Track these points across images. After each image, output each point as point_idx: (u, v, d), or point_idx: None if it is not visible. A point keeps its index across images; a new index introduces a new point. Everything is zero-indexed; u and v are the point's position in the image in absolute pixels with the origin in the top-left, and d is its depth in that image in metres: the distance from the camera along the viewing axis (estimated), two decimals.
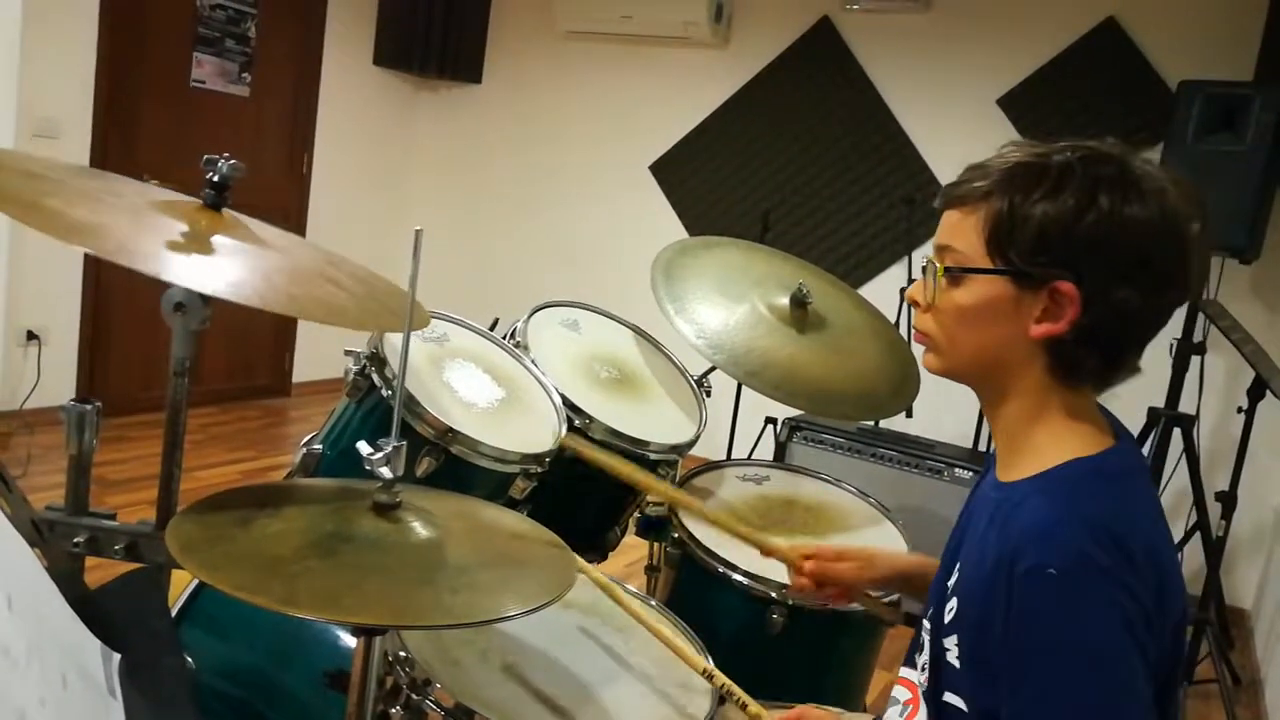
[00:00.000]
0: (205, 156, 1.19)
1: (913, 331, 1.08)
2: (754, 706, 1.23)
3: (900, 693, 1.12)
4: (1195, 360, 3.19)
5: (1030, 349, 0.97)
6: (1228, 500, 3.04)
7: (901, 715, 1.10)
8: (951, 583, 1.00)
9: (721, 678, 1.26)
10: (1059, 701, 0.85)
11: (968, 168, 1.02)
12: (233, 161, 1.20)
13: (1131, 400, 1.12)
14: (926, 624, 1.06)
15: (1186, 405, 3.23)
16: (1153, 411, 3.21)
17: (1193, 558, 3.52)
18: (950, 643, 0.97)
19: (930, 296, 1.03)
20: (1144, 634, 0.87)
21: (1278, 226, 3.64)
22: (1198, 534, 3.23)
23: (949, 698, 0.98)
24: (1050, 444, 0.97)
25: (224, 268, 1.10)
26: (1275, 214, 3.58)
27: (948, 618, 0.98)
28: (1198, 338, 3.20)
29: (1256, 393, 2.93)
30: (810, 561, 1.44)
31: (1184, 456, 3.17)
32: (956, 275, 1.00)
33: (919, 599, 1.38)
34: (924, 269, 1.04)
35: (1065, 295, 0.93)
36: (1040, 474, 0.96)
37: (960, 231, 1.00)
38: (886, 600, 1.64)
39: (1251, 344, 2.90)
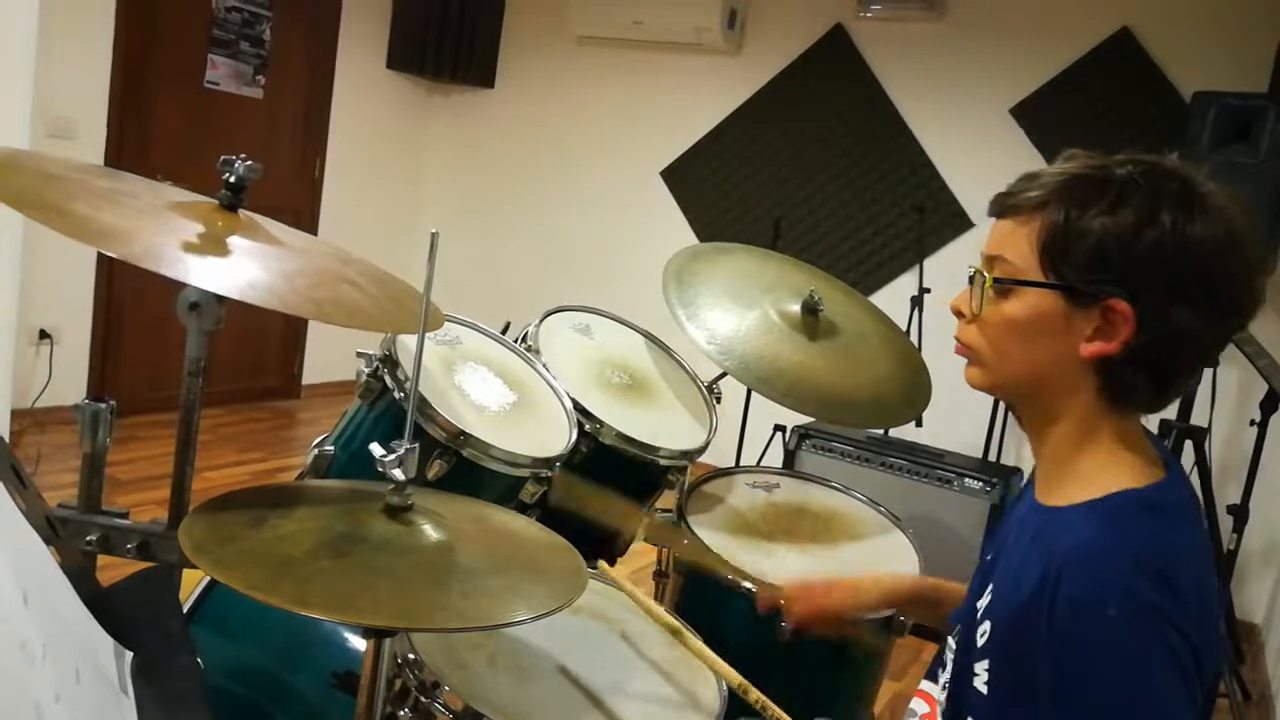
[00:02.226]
0: (222, 157, 1.20)
1: (954, 344, 1.04)
2: None
3: (918, 705, 1.11)
4: (1208, 373, 3.18)
5: (1079, 369, 0.94)
6: (1239, 514, 3.02)
7: None
8: (983, 605, 0.96)
9: (756, 693, 1.24)
10: None
11: (1022, 176, 0.98)
12: (249, 163, 1.20)
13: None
14: (952, 643, 1.03)
15: (1199, 418, 3.22)
16: (1164, 424, 3.19)
17: None
18: (980, 668, 0.93)
19: (976, 307, 0.99)
20: (1194, 675, 0.84)
21: None
22: None
23: None
24: (1098, 471, 0.94)
25: (244, 270, 1.10)
26: None
27: (980, 641, 0.94)
28: None
29: (1270, 406, 2.91)
30: (797, 603, 1.45)
31: (1195, 469, 3.16)
32: (1006, 287, 0.96)
33: (923, 619, 1.38)
34: (971, 279, 1.00)
35: (1119, 314, 0.90)
36: (1087, 502, 0.92)
37: (1012, 242, 0.96)
38: (886, 617, 1.63)
39: (1265, 357, 2.89)
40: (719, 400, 2.07)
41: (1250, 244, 0.91)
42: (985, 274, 0.98)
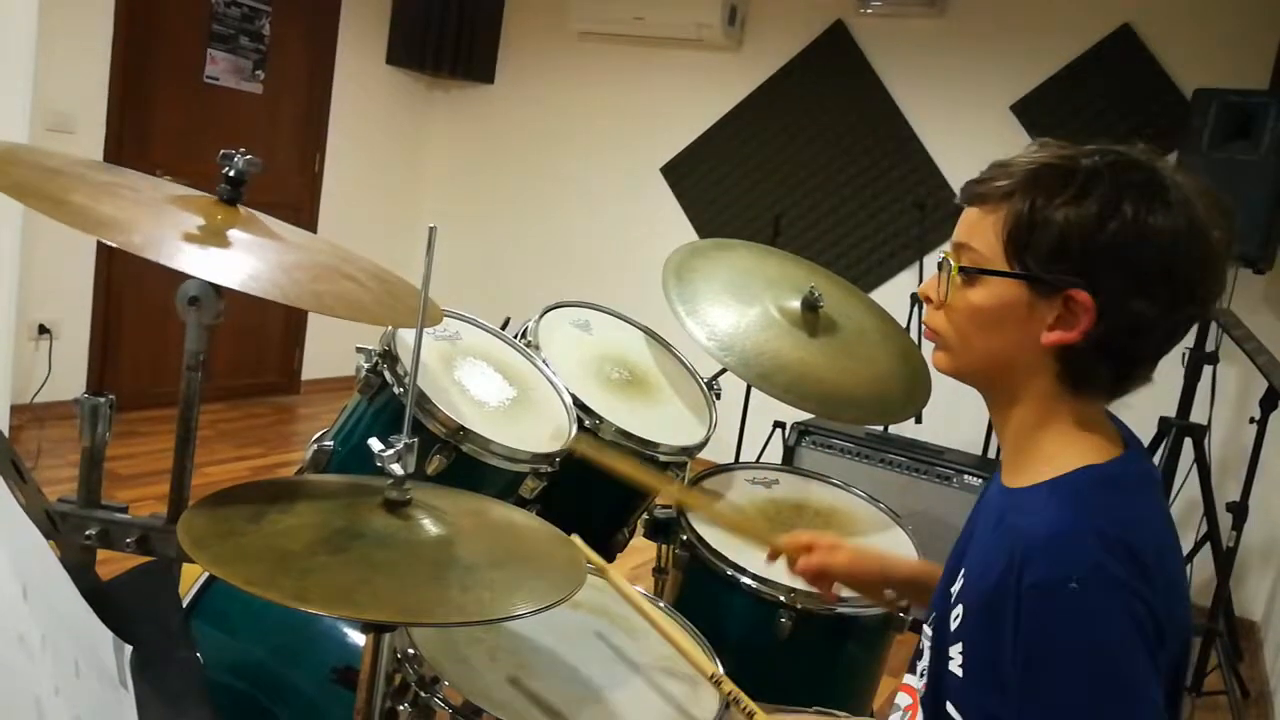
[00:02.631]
0: (222, 151, 1.20)
1: (923, 328, 1.07)
2: (761, 716, 1.22)
3: (902, 699, 1.11)
4: (1207, 370, 3.18)
5: (1041, 355, 0.95)
6: (1239, 511, 3.02)
7: None
8: (956, 589, 0.98)
9: (729, 684, 1.25)
10: (1072, 717, 0.83)
11: (992, 164, 0.99)
12: (249, 157, 1.20)
13: (1143, 409, 1.11)
14: (928, 630, 1.04)
15: (1198, 415, 3.22)
16: (1164, 421, 3.19)
17: (1203, 568, 3.51)
18: (955, 651, 0.94)
19: (943, 294, 1.01)
20: (1157, 644, 0.85)
21: None
22: (1208, 545, 3.21)
23: (950, 710, 0.95)
24: (1059, 451, 0.95)
25: (245, 262, 1.10)
26: None
27: (953, 625, 0.96)
28: (1210, 347, 3.18)
29: (1269, 403, 2.91)
30: (803, 559, 1.44)
31: (1195, 466, 3.16)
32: (971, 275, 0.98)
33: (916, 604, 1.38)
34: (939, 265, 1.02)
35: (1080, 304, 0.91)
36: (1048, 481, 0.93)
37: (979, 230, 0.98)
38: (891, 598, 1.62)
39: (1265, 354, 2.89)
40: (719, 396, 2.07)
41: (1211, 236, 0.91)
42: (952, 261, 1.00)
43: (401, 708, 1.20)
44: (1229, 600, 3.25)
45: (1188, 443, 3.18)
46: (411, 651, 1.22)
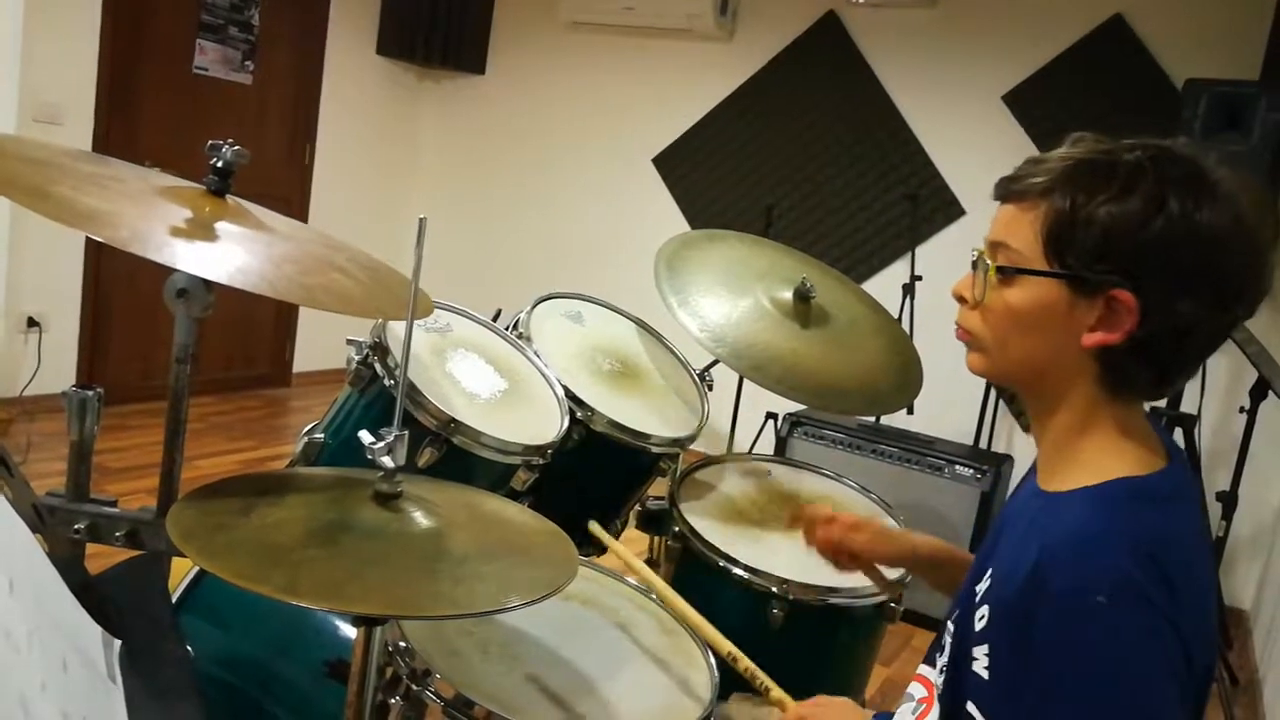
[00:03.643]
0: (210, 142, 1.19)
1: (955, 329, 1.02)
2: (776, 691, 1.21)
3: (916, 689, 1.10)
4: None
5: (1080, 358, 0.92)
6: (1228, 500, 3.04)
7: (914, 713, 1.09)
8: (982, 589, 0.95)
9: (745, 660, 1.25)
10: None
11: (1027, 160, 0.95)
12: (236, 147, 1.19)
13: None
14: (950, 626, 1.03)
15: (1189, 405, 3.23)
16: (1154, 411, 3.20)
17: None
18: (980, 652, 0.92)
19: (979, 294, 0.97)
20: (1181, 667, 0.83)
21: None
22: None
23: (971, 709, 0.93)
24: (1098, 459, 0.93)
25: (233, 255, 1.09)
26: None
27: (978, 625, 0.93)
28: None
29: (1259, 393, 2.93)
30: (823, 528, 1.42)
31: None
32: (1009, 274, 0.94)
33: (936, 586, 1.37)
34: (974, 264, 0.98)
35: (1123, 305, 0.88)
36: (1084, 488, 0.91)
37: (1016, 228, 0.94)
38: (895, 579, 1.61)
39: (1255, 345, 2.90)
40: (711, 388, 2.07)
41: (1260, 232, 0.88)
42: (989, 260, 0.96)
43: (394, 701, 1.20)
44: (1219, 589, 3.26)
45: (1179, 433, 3.19)
46: (403, 644, 1.21)
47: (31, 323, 4.17)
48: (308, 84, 5.25)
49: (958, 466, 3.36)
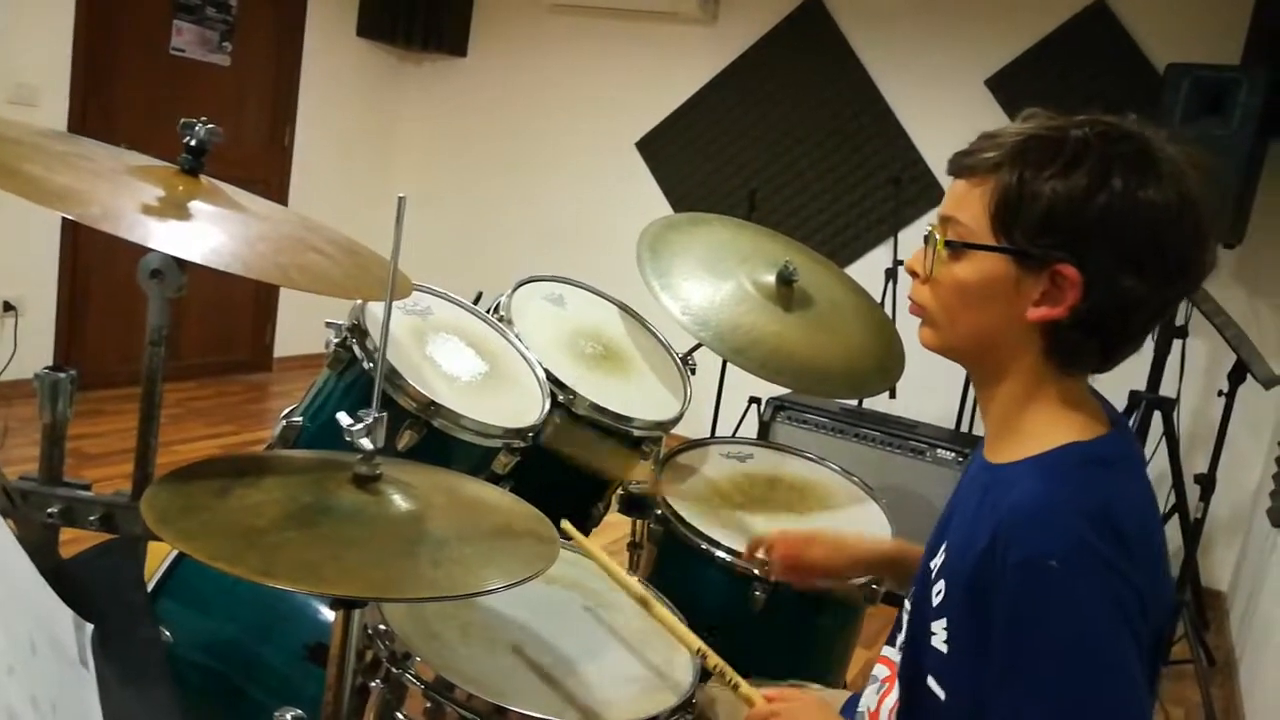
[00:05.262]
0: (182, 120, 1.17)
1: (908, 303, 1.03)
2: (745, 688, 1.21)
3: (879, 670, 1.12)
4: (1177, 344, 3.21)
5: (1026, 331, 0.93)
6: (1206, 483, 3.06)
7: (878, 693, 1.09)
8: (936, 564, 0.97)
9: (715, 658, 1.25)
10: (1054, 696, 0.82)
11: (980, 135, 0.96)
12: (210, 125, 1.17)
13: (1113, 383, 1.11)
14: (908, 605, 1.04)
15: (1168, 388, 3.25)
16: (1134, 394, 3.22)
17: (1171, 540, 3.54)
18: (938, 626, 0.94)
19: (929, 268, 0.98)
20: (1139, 623, 0.85)
21: (1262, 211, 3.65)
22: (1176, 516, 3.26)
23: (931, 683, 0.95)
24: (1044, 428, 0.94)
25: (207, 234, 1.08)
26: (1260, 198, 3.59)
27: (935, 600, 0.95)
28: (1180, 321, 3.20)
29: (1237, 376, 2.94)
30: (778, 547, 1.46)
31: (1164, 439, 3.19)
32: (957, 249, 0.95)
33: (897, 585, 1.39)
34: (925, 238, 0.99)
35: (1066, 280, 0.89)
36: (1033, 458, 0.92)
37: (966, 203, 0.95)
38: (862, 583, 1.65)
39: (1233, 328, 2.92)
40: (693, 371, 2.06)
41: (1205, 210, 0.89)
42: (938, 235, 0.97)
43: (373, 684, 1.19)
44: (1196, 570, 3.30)
45: (1157, 416, 3.21)
46: (383, 627, 1.21)
47: (8, 307, 4.12)
48: (287, 66, 5.19)
49: (939, 450, 3.38)
